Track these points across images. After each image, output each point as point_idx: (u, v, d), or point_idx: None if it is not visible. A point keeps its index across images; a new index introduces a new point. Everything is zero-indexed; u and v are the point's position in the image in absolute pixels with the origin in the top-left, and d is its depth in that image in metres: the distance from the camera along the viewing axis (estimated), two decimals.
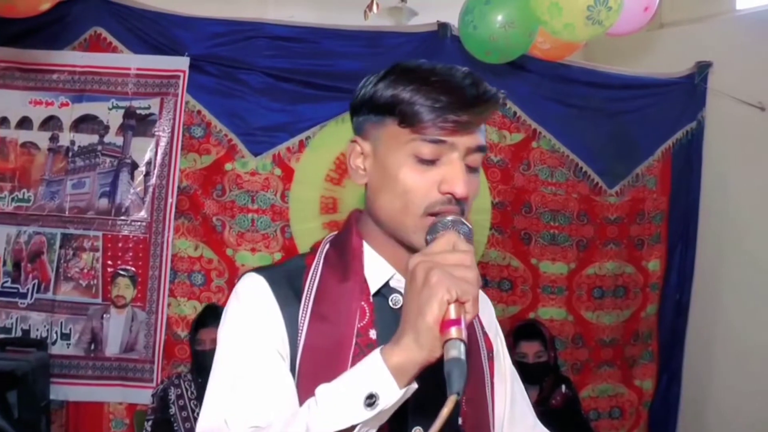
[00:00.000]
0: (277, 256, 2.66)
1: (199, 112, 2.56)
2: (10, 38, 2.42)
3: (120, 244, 2.49)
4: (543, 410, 2.63)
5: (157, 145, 2.51)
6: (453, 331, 0.76)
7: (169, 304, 2.52)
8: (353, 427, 0.77)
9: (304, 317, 0.92)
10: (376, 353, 0.79)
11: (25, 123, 2.50)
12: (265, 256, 2.64)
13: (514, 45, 2.37)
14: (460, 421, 0.95)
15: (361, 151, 0.93)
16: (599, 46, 3.21)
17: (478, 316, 1.02)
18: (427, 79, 0.87)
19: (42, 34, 2.44)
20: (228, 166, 2.60)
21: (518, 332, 2.75)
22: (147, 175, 2.51)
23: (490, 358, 1.04)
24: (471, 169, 0.90)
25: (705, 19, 3.14)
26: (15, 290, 2.48)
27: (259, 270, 0.97)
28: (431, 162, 0.88)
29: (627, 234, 3.09)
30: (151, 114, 2.52)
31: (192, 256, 2.57)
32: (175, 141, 2.53)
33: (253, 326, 0.92)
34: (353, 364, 0.87)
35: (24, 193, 2.48)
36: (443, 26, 2.81)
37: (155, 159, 2.51)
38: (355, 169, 0.94)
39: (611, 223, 3.08)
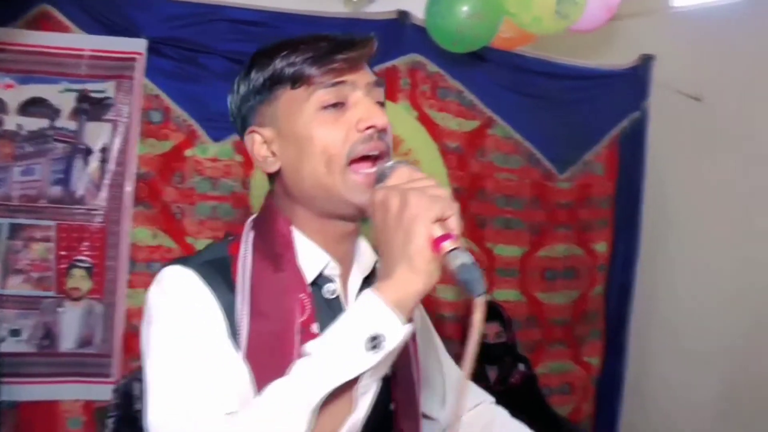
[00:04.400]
0: None
1: (157, 96, 2.46)
2: None
3: (75, 234, 2.37)
4: (502, 389, 2.73)
5: (113, 130, 2.40)
6: (448, 244, 0.73)
7: (127, 296, 2.44)
8: (356, 379, 0.72)
9: (243, 314, 0.86)
10: (368, 293, 0.75)
11: None
12: None
13: (480, 35, 2.42)
14: (392, 405, 0.92)
15: (263, 139, 0.90)
16: (548, 36, 3.30)
17: None
18: (296, 43, 0.88)
19: None
20: (188, 152, 2.51)
21: None
22: (103, 161, 2.40)
23: (412, 337, 1.01)
24: (379, 105, 0.88)
25: (645, 14, 3.27)
26: None
27: (181, 262, 0.89)
28: (339, 106, 0.86)
29: (576, 218, 3.21)
30: (107, 98, 2.40)
31: (151, 245, 2.48)
32: (133, 126, 2.42)
33: (194, 314, 0.84)
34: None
35: None
36: (403, 14, 2.81)
37: (112, 145, 2.40)
38: (263, 160, 0.91)
39: (562, 207, 3.19)
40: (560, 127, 3.14)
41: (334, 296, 0.92)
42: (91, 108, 2.39)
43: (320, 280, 0.92)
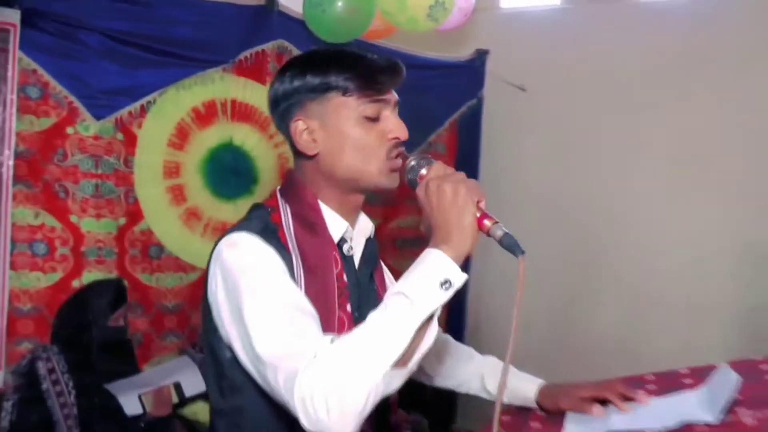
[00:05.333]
0: (122, 221, 2.63)
1: (34, 71, 2.39)
2: None
3: None
4: None
5: None
6: (487, 222, 1.03)
7: (9, 278, 2.36)
8: (434, 311, 0.98)
9: (299, 271, 1.08)
10: (436, 252, 1.00)
11: None
12: (110, 222, 2.59)
13: (356, 28, 2.68)
14: None
15: (306, 127, 1.13)
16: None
17: (382, 266, 1.33)
18: (348, 57, 1.13)
19: None
20: (70, 129, 2.48)
21: None
22: None
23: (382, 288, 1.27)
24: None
25: (478, 12, 3.74)
26: None
27: (243, 229, 1.09)
28: (375, 119, 1.13)
29: None
30: None
31: (33, 225, 2.43)
32: (9, 101, 2.34)
33: (274, 267, 1.05)
34: (338, 305, 1.11)
35: None
36: (271, 1, 2.97)
37: None
38: (305, 144, 1.14)
39: None
40: (410, 112, 3.43)
41: (350, 253, 1.18)
42: None
43: (340, 241, 1.17)
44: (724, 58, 3.19)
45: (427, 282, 0.98)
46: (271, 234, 1.10)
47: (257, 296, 1.02)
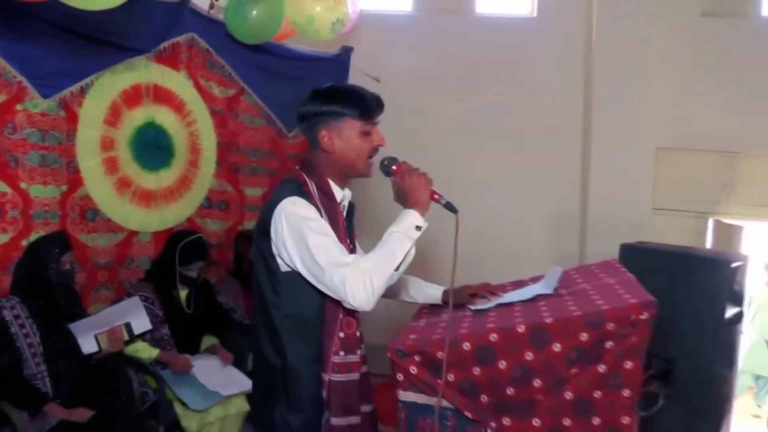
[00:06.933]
0: (64, 188, 3.01)
1: None
2: None
3: None
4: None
5: None
6: (436, 195, 1.78)
7: None
8: (413, 242, 1.73)
9: (325, 219, 1.74)
10: (410, 212, 1.73)
11: None
12: (54, 188, 2.96)
13: (268, 33, 3.27)
14: None
15: (328, 136, 1.79)
16: None
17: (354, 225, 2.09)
18: (357, 95, 1.81)
19: None
20: (19, 106, 2.80)
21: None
22: None
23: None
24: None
25: None
26: None
27: (294, 194, 1.72)
28: (368, 134, 1.83)
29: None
30: None
31: None
32: None
33: (320, 218, 1.72)
34: (342, 240, 1.79)
35: None
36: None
37: None
38: (328, 145, 1.78)
39: (290, 158, 4.24)
40: (289, 96, 4.05)
41: (343, 210, 1.87)
42: None
43: (340, 203, 1.85)
44: (541, 67, 4.28)
45: (409, 226, 1.74)
46: (307, 198, 1.75)
47: (316, 232, 1.69)
